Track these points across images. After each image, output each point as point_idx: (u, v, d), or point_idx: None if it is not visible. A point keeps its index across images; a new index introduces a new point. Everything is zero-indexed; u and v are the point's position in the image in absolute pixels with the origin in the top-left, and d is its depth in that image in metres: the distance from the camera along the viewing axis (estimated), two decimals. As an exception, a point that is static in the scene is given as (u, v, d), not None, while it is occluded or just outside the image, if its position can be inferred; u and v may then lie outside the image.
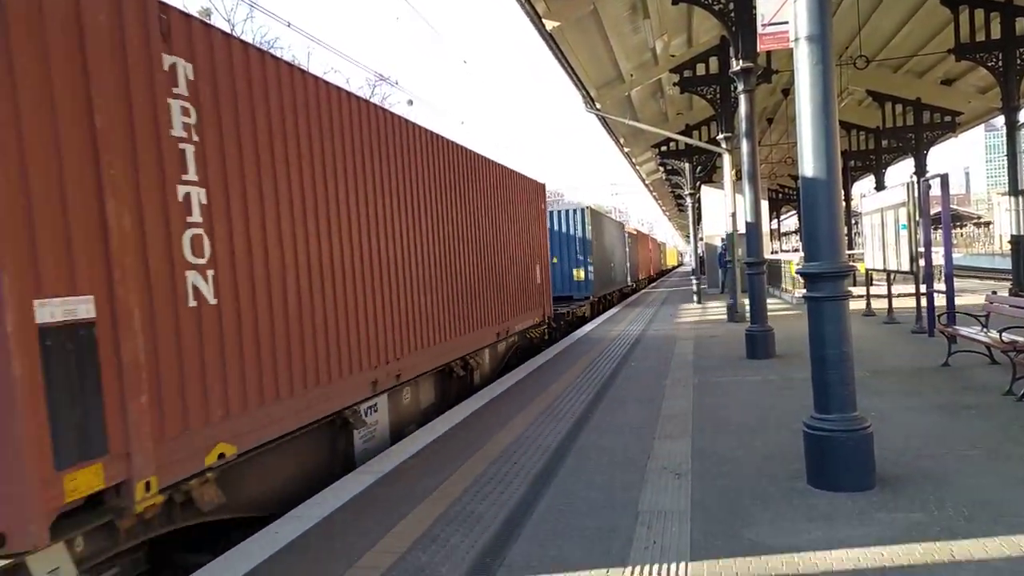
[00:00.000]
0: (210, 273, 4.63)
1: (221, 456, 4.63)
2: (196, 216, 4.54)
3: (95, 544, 3.83)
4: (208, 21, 5.52)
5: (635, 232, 38.88)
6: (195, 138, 4.57)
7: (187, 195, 4.48)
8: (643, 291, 34.70)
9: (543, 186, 15.18)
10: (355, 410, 6.56)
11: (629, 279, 32.41)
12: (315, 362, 5.79)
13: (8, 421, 3.33)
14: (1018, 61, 14.98)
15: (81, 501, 3.62)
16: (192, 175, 4.53)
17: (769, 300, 12.04)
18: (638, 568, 3.79)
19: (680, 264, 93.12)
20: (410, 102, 41.13)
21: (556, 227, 20.03)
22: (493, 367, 11.52)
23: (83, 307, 3.69)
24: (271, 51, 5.70)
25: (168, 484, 4.19)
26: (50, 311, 3.50)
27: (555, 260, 19.61)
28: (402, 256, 7.62)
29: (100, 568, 3.96)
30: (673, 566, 3.78)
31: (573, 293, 20.35)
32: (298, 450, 5.82)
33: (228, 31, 5.67)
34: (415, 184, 8.11)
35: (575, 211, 20.62)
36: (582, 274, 20.48)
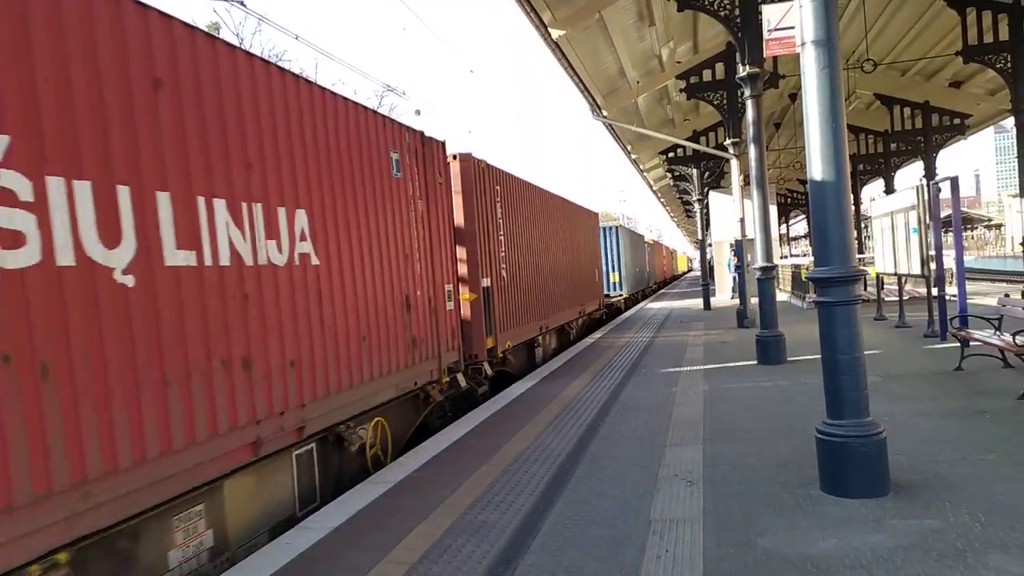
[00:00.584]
0: (506, 267, 11.43)
1: (508, 344, 11.23)
2: (503, 248, 11.36)
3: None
4: (475, 157, 10.34)
5: (652, 243, 45.35)
6: (501, 218, 11.36)
7: (500, 239, 11.21)
8: (659, 292, 40.60)
9: (597, 214, 22.01)
10: (534, 339, 13.54)
11: (650, 281, 39.37)
12: (525, 312, 12.46)
13: (480, 319, 9.90)
14: (1027, 62, 14.88)
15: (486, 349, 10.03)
16: (502, 232, 11.38)
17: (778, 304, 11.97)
18: (651, 577, 3.76)
19: (689, 270, 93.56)
20: (417, 112, 41.20)
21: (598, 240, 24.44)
22: (577, 332, 18.36)
23: (488, 281, 10.37)
24: (522, 177, 12.83)
25: (501, 351, 10.83)
26: (483, 283, 10.15)
27: (597, 265, 26.05)
28: (549, 264, 14.62)
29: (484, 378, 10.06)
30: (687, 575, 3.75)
31: (610, 291, 25.64)
32: (519, 352, 12.52)
33: (513, 173, 12.47)
34: (555, 226, 15.49)
35: (611, 229, 26.92)
36: (617, 277, 26.77)
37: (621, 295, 26.48)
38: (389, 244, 7.18)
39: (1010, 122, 16.26)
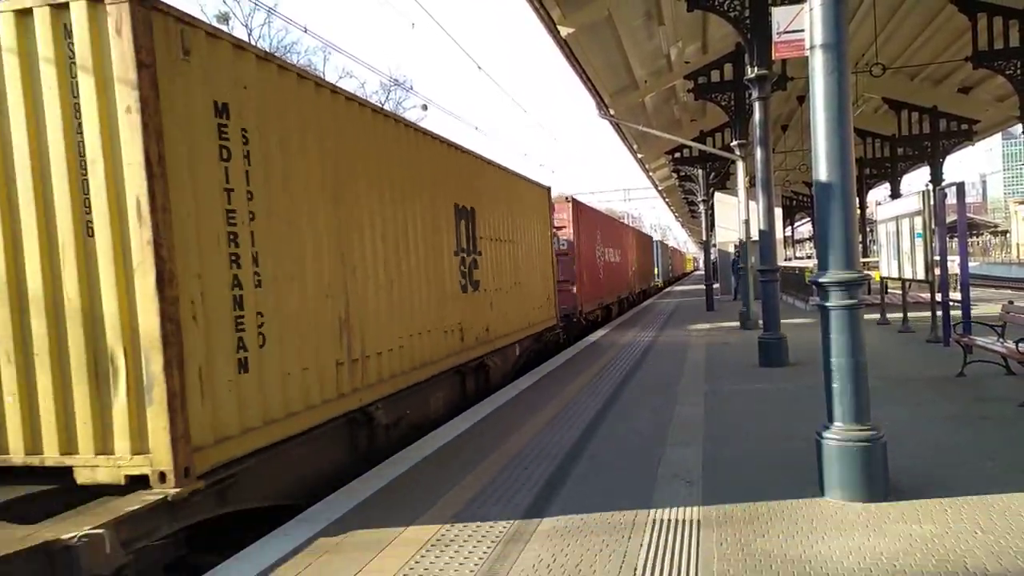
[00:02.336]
0: (635, 267, 32.42)
1: (637, 289, 32.35)
2: (634, 256, 31.93)
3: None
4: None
5: (671, 247, 70.98)
6: (633, 246, 32.63)
7: (632, 256, 31.51)
8: (676, 283, 57.84)
9: (652, 237, 49.37)
10: (639, 292, 33.60)
11: (670, 275, 59.25)
12: (638, 281, 33.64)
13: (636, 279, 32.72)
14: (1036, 69, 14.82)
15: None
16: (633, 252, 32.22)
17: (781, 307, 11.97)
18: (649, 576, 3.78)
19: (695, 269, 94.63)
20: (424, 107, 41.15)
21: (646, 249, 43.70)
22: (644, 294, 35.83)
23: (634, 268, 32.40)
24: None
25: (636, 292, 33.15)
26: (632, 267, 32.18)
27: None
28: (643, 263, 36.17)
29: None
30: None
31: (652, 279, 42.94)
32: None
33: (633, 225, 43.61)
34: (642, 246, 37.05)
35: (656, 243, 47.72)
36: (657, 271, 45.39)
37: (659, 282, 46.23)
38: (633, 258, 30.95)
39: (1019, 129, 16.25)
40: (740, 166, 16.10)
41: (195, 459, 4.34)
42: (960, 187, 10.87)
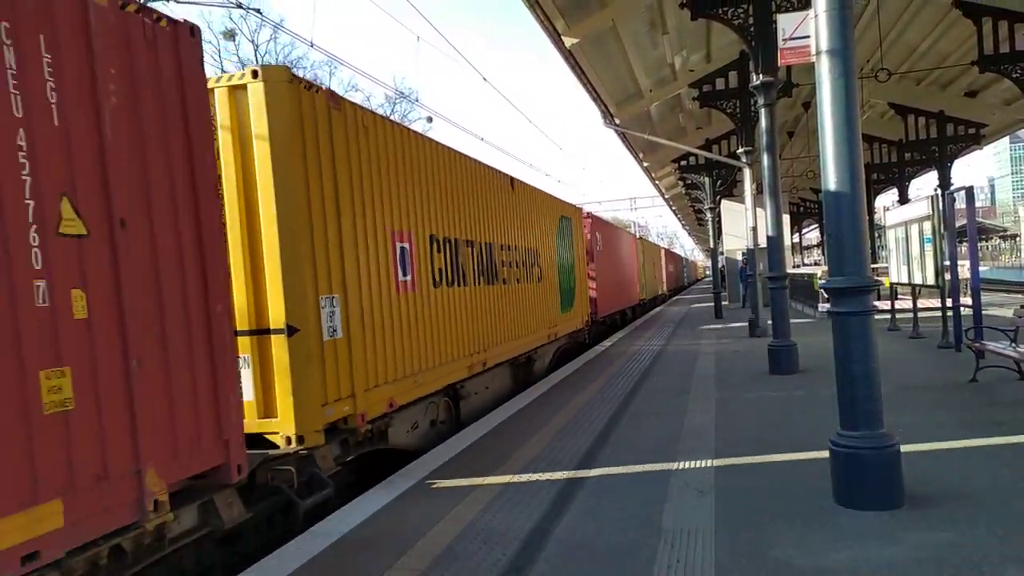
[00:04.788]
0: (673, 275, 55.30)
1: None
2: (674, 267, 58.24)
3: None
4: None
5: (691, 261, 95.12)
6: (673, 264, 56.16)
7: (670, 267, 53.23)
8: (691, 285, 74.75)
9: (682, 256, 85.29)
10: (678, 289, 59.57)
11: (689, 279, 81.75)
12: (675, 283, 57.82)
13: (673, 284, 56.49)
14: (1044, 72, 14.79)
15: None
16: (672, 265, 54.65)
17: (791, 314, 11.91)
18: (662, 587, 3.75)
19: (705, 276, 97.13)
20: (429, 119, 41.41)
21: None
22: (680, 289, 62.68)
23: (669, 271, 52.27)
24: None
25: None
26: (668, 270, 49.85)
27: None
28: (678, 273, 62.48)
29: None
30: (697, 585, 3.73)
31: (682, 281, 67.38)
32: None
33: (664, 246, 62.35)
34: (676, 262, 64.37)
35: (685, 260, 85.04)
36: (683, 276, 70.91)
37: (685, 283, 67.87)
38: (676, 269, 57.11)
39: (1026, 132, 16.15)
40: (747, 173, 16.08)
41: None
42: (969, 191, 10.82)
